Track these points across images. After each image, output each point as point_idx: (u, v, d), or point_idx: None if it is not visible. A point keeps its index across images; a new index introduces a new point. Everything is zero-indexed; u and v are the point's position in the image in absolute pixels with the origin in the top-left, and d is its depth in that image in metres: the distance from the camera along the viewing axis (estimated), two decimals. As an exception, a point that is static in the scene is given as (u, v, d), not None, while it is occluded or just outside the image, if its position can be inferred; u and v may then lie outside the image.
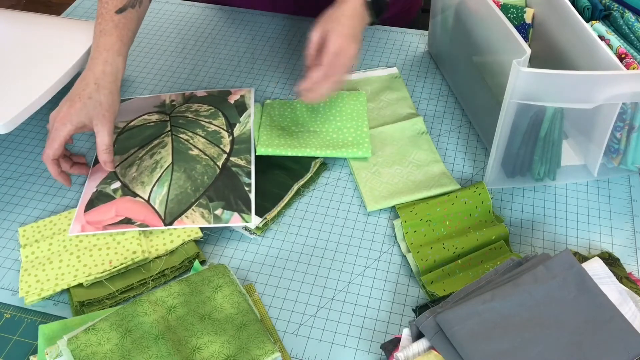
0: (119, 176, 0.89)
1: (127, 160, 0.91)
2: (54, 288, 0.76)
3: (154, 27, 1.22)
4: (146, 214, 0.83)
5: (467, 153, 0.95)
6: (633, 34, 0.82)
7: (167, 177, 0.88)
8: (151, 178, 0.88)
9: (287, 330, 0.73)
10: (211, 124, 0.96)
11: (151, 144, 0.93)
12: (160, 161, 0.90)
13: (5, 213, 0.87)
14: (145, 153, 0.92)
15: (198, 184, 0.86)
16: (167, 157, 0.90)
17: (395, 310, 0.75)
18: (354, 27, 0.86)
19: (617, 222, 0.84)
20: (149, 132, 0.96)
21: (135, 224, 0.82)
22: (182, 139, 0.93)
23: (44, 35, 1.00)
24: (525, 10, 0.93)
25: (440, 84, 1.07)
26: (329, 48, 0.83)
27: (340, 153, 0.91)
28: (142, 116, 0.99)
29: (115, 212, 0.84)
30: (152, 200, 0.85)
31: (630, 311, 0.66)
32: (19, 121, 0.85)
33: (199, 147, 0.92)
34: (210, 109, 0.99)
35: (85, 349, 0.65)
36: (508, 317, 0.64)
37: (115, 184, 0.88)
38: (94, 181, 0.89)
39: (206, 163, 0.89)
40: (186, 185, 0.86)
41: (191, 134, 0.94)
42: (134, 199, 0.85)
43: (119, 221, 0.82)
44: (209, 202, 0.84)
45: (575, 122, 0.84)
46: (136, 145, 0.94)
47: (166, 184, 0.87)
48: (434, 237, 0.81)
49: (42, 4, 2.60)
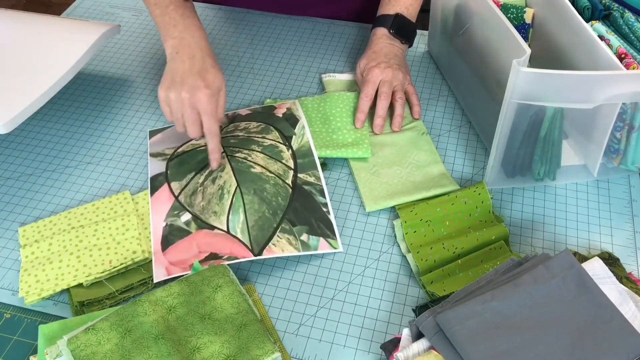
0: (186, 206, 0.84)
1: (188, 187, 0.87)
2: (54, 288, 0.76)
3: (154, 27, 1.22)
4: (232, 246, 0.79)
5: (467, 153, 0.95)
6: (633, 34, 0.82)
7: (239, 202, 0.83)
8: (222, 207, 0.83)
9: (287, 330, 0.73)
10: (265, 138, 0.92)
11: (208, 168, 0.88)
12: (225, 185, 0.85)
13: (5, 213, 0.87)
14: (205, 179, 0.87)
15: (274, 207, 0.83)
16: (230, 179, 0.86)
17: (395, 310, 0.75)
18: (393, 56, 0.98)
19: (617, 222, 0.84)
20: (201, 156, 0.90)
21: (222, 259, 0.78)
22: (239, 158, 0.89)
23: (44, 35, 1.00)
24: (525, 10, 0.94)
25: (440, 84, 1.07)
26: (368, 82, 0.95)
27: (340, 153, 0.91)
28: (190, 141, 0.94)
29: (197, 249, 0.80)
30: (232, 230, 0.81)
31: (630, 311, 0.66)
32: (19, 121, 0.85)
33: (259, 163, 0.88)
34: (260, 125, 0.95)
35: (85, 349, 0.65)
36: (508, 317, 0.64)
37: (185, 216, 0.83)
38: (159, 213, 0.84)
39: (275, 182, 0.86)
40: (262, 209, 0.82)
41: (247, 151, 0.90)
42: (213, 232, 0.81)
43: (205, 258, 0.78)
44: (292, 226, 0.81)
45: (575, 122, 0.84)
46: (192, 170, 0.89)
47: (240, 209, 0.83)
48: (434, 237, 0.81)
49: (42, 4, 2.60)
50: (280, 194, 0.84)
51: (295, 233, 0.81)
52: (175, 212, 0.84)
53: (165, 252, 0.79)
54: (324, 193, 0.86)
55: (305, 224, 0.82)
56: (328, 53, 1.14)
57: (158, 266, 0.78)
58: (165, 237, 0.81)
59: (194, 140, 0.94)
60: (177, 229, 0.82)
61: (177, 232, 0.81)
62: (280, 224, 0.81)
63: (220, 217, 0.82)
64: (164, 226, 0.82)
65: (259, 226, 0.81)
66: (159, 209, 0.85)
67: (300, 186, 0.86)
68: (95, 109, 1.04)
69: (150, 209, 0.85)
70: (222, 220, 0.82)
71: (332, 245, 0.80)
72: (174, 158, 0.92)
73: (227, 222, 0.82)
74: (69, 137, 0.99)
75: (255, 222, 0.81)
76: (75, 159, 0.95)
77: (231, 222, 0.82)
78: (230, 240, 0.80)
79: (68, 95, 1.07)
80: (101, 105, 1.05)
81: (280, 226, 0.81)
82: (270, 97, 1.04)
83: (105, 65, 1.13)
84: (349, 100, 0.99)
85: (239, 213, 0.82)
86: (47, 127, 1.01)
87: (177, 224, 0.82)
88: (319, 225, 0.82)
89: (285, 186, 0.85)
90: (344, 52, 1.14)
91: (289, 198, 0.84)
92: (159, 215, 0.84)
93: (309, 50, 1.15)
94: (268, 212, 0.82)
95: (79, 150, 0.97)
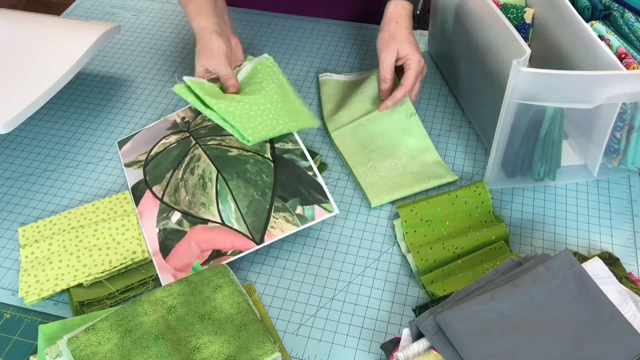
0: (172, 205, 0.83)
1: (169, 187, 0.85)
2: (54, 288, 0.76)
3: (154, 27, 1.22)
4: (232, 239, 0.78)
5: (467, 153, 0.95)
6: (633, 34, 0.82)
7: (226, 190, 0.81)
8: (209, 196, 0.81)
9: (287, 330, 0.73)
10: None
11: (184, 162, 0.86)
12: (205, 174, 0.83)
13: (5, 213, 0.87)
14: (184, 172, 0.85)
15: (261, 186, 0.81)
16: (209, 167, 0.84)
17: (395, 310, 0.75)
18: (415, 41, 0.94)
19: (617, 222, 0.84)
20: (175, 152, 0.89)
21: (227, 254, 0.77)
22: (212, 145, 0.87)
23: (44, 35, 1.00)
24: (525, 10, 0.93)
25: (440, 84, 1.07)
26: (413, 69, 0.92)
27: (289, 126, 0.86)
28: (160, 142, 0.93)
29: (198, 248, 0.78)
30: (227, 221, 0.79)
31: (630, 311, 0.66)
32: (19, 121, 0.85)
33: (234, 145, 0.86)
34: None
35: (85, 349, 0.65)
36: (508, 317, 0.64)
37: (174, 216, 0.81)
38: (149, 220, 0.83)
39: (254, 160, 0.83)
40: (250, 192, 0.81)
41: (220, 137, 0.88)
42: (207, 227, 0.79)
43: (209, 257, 0.78)
44: (284, 202, 0.80)
45: (575, 122, 0.84)
46: (169, 169, 0.87)
47: (229, 196, 0.80)
48: (434, 237, 0.81)
49: (42, 4, 2.60)
50: (263, 171, 0.82)
51: (289, 208, 0.79)
52: (164, 215, 0.82)
53: (167, 259, 0.79)
54: (305, 156, 0.83)
55: (296, 196, 0.80)
56: (328, 53, 1.14)
57: (164, 274, 0.77)
58: (162, 243, 0.80)
59: (163, 139, 0.93)
60: (171, 231, 0.81)
61: (172, 235, 0.80)
62: (273, 203, 0.80)
63: (209, 208, 0.81)
64: (158, 232, 0.81)
65: (253, 212, 0.79)
66: (148, 216, 0.83)
67: (280, 156, 0.84)
68: (95, 109, 1.04)
69: (140, 220, 0.83)
70: (212, 212, 0.80)
71: (327, 210, 0.79)
72: (149, 162, 0.91)
73: (219, 213, 0.80)
74: (69, 137, 0.99)
75: (248, 208, 0.80)
76: (75, 159, 0.95)
77: (223, 213, 0.80)
78: (228, 232, 0.79)
79: (68, 95, 1.07)
80: (101, 105, 1.05)
81: (273, 205, 0.80)
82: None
83: (105, 65, 1.13)
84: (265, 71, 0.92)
85: (228, 201, 0.81)
86: (47, 127, 1.01)
87: (170, 226, 0.81)
88: (309, 192, 0.80)
89: (266, 161, 0.83)
90: (344, 52, 1.14)
91: (273, 173, 0.82)
92: (149, 223, 0.83)
93: (309, 50, 1.15)
94: (257, 194, 0.80)
95: (79, 150, 0.97)
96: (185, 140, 0.91)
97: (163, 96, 1.06)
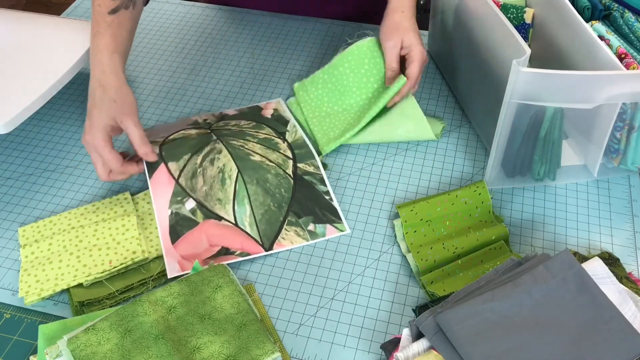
0: (188, 191, 0.83)
1: (186, 169, 0.85)
2: (54, 288, 0.76)
3: (154, 27, 1.22)
4: (242, 241, 0.80)
5: (467, 153, 0.95)
6: (633, 34, 0.82)
7: (244, 192, 0.83)
8: (226, 194, 0.83)
9: (287, 330, 0.73)
10: (259, 132, 0.92)
11: (204, 149, 0.86)
12: (225, 169, 0.84)
13: (5, 213, 0.87)
14: (203, 159, 0.86)
15: (279, 199, 0.83)
16: (229, 163, 0.85)
17: (395, 310, 0.75)
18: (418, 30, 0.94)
19: (617, 222, 0.84)
20: (194, 141, 0.89)
21: (235, 254, 0.79)
22: (235, 144, 0.88)
23: (44, 35, 1.00)
24: (525, 10, 0.94)
25: (440, 84, 1.07)
26: (417, 61, 0.92)
27: (403, 136, 0.92)
28: (180, 131, 0.92)
29: (208, 242, 0.80)
30: (241, 224, 0.81)
31: (630, 311, 0.66)
32: (19, 121, 0.85)
33: (257, 152, 0.87)
34: (251, 123, 0.95)
35: (85, 349, 0.65)
36: (508, 317, 0.64)
37: (189, 203, 0.82)
38: (162, 198, 0.83)
39: (276, 172, 0.86)
40: (267, 202, 0.83)
41: (243, 141, 0.88)
42: (220, 223, 0.81)
43: (217, 252, 0.79)
44: (298, 218, 0.82)
45: (575, 122, 0.84)
46: (187, 152, 0.87)
47: (245, 200, 0.82)
48: (434, 237, 0.81)
49: (42, 4, 2.60)
50: (282, 185, 0.85)
51: (302, 224, 0.82)
52: (179, 199, 0.83)
53: (176, 244, 0.79)
54: (324, 182, 0.86)
55: (311, 215, 0.83)
56: (328, 53, 1.14)
57: (170, 260, 0.78)
58: (172, 227, 0.81)
59: (182, 130, 0.92)
60: (183, 218, 0.81)
61: (184, 222, 0.81)
62: (287, 217, 0.82)
63: (225, 206, 0.82)
64: (170, 214, 0.82)
65: (267, 220, 0.82)
66: (161, 192, 0.83)
67: (301, 177, 0.86)
68: (95, 109, 1.04)
69: (151, 192, 0.83)
70: (227, 210, 0.82)
71: (339, 229, 0.81)
72: (165, 143, 0.89)
73: (234, 213, 0.82)
74: (69, 137, 0.99)
75: (262, 216, 0.82)
76: (75, 159, 0.95)
77: (238, 214, 0.82)
78: (239, 234, 0.81)
79: (68, 95, 1.07)
80: (101, 105, 1.04)
81: (286, 219, 0.82)
82: (270, 97, 1.04)
83: (105, 65, 1.13)
84: (366, 53, 0.96)
85: (245, 204, 0.82)
86: (47, 127, 1.01)
87: (183, 213, 0.82)
88: (323, 213, 0.83)
89: (287, 177, 0.86)
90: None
91: (292, 190, 0.85)
92: (161, 200, 0.82)
93: (309, 50, 1.15)
94: (273, 205, 0.83)
95: (79, 150, 0.97)
96: (207, 135, 0.91)
97: (163, 96, 1.06)
